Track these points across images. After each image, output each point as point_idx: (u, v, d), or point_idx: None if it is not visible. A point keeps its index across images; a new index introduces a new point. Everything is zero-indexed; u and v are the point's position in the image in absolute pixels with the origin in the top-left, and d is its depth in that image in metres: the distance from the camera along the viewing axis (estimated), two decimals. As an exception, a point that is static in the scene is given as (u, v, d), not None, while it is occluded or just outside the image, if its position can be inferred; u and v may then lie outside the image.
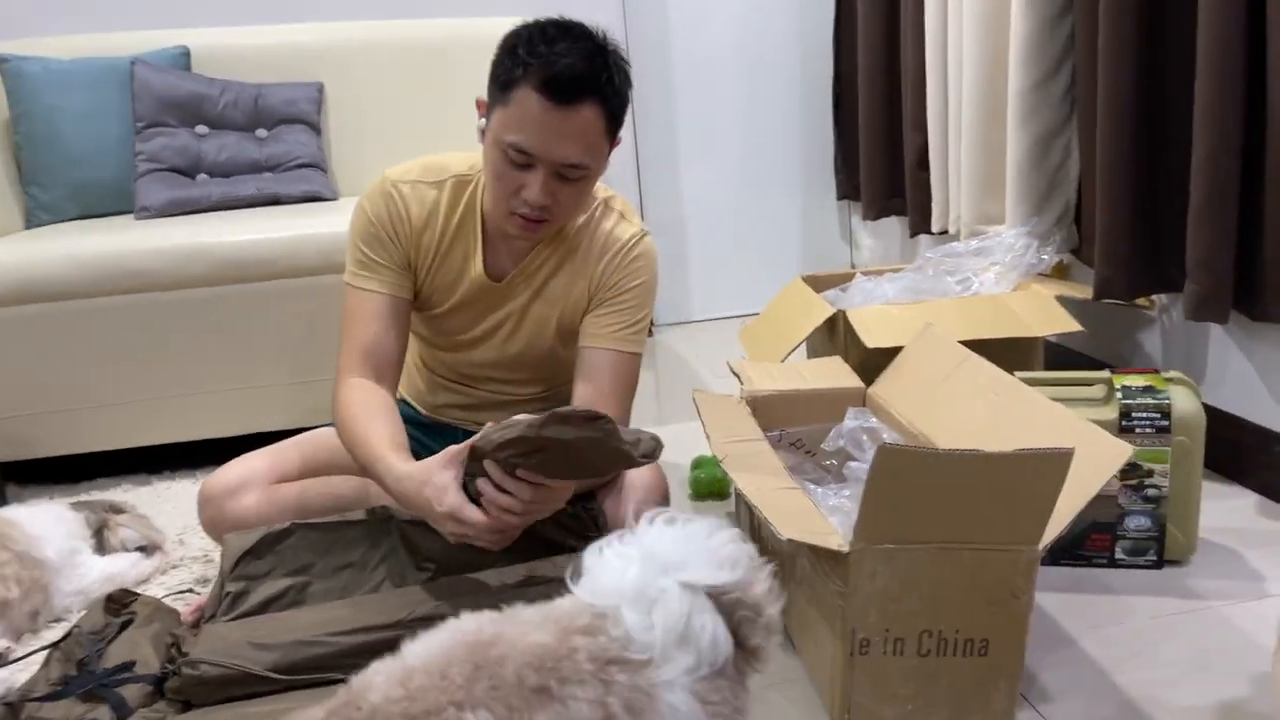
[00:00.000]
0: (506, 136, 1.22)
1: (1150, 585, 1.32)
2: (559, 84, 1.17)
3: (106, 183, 2.23)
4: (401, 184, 1.38)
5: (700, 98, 3.00)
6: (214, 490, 1.40)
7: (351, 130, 2.44)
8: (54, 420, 1.90)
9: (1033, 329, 1.64)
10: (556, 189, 1.25)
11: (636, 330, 1.43)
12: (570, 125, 1.20)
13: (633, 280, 1.42)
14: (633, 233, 1.43)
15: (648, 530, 0.72)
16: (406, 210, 1.37)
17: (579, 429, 1.03)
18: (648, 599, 0.67)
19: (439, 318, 1.46)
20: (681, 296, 3.12)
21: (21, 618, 1.38)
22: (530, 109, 1.19)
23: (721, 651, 0.68)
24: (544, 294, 1.43)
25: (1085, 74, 1.76)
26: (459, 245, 1.40)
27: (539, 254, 1.41)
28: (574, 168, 1.24)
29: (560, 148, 1.21)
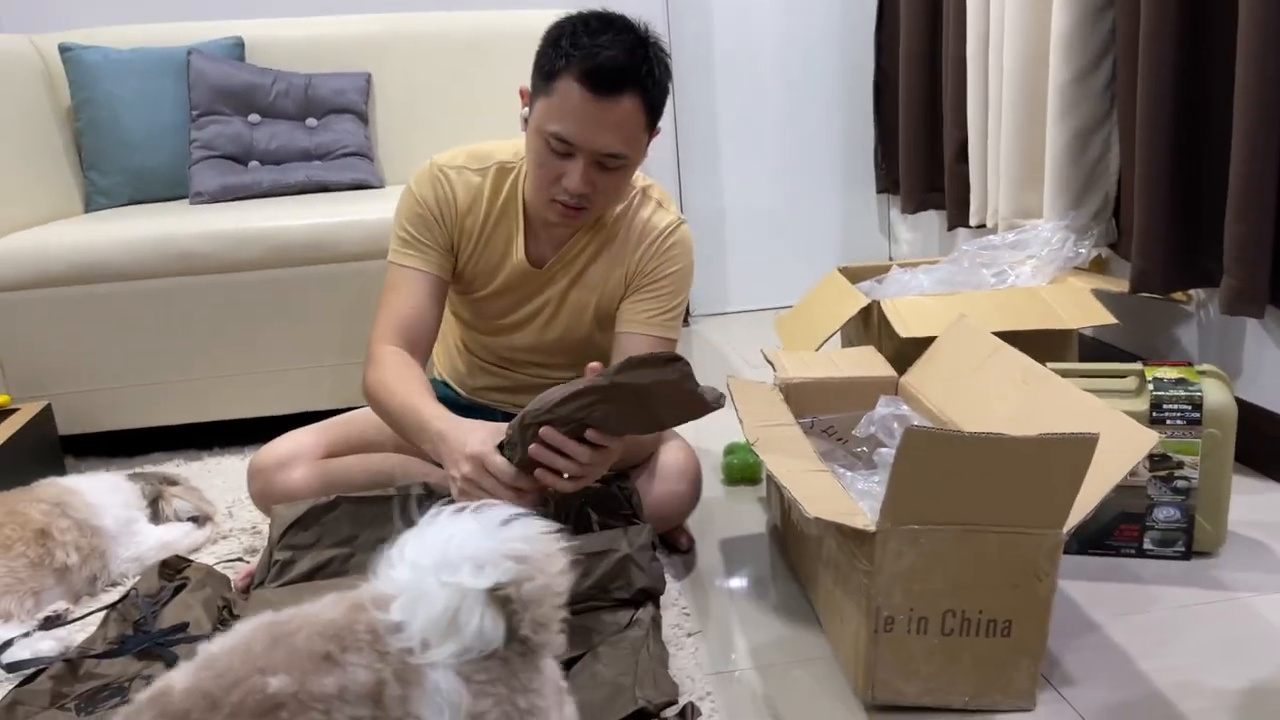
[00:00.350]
0: (548, 126, 1.25)
1: (1177, 576, 1.33)
2: (600, 75, 1.21)
3: (162, 169, 2.31)
4: (449, 169, 1.42)
5: (741, 90, 3.02)
6: (264, 464, 1.46)
7: (398, 119, 2.50)
8: (111, 396, 1.97)
9: (1067, 321, 1.65)
10: (596, 178, 1.29)
11: (672, 316, 1.46)
12: (610, 116, 1.24)
13: (669, 267, 1.45)
14: (669, 221, 1.46)
15: (432, 524, 0.74)
16: (453, 195, 1.42)
17: (657, 370, 1.06)
18: (412, 596, 0.71)
19: (480, 301, 1.50)
20: (718, 287, 3.15)
21: (80, 582, 1.44)
22: (572, 99, 1.22)
23: (490, 640, 0.72)
24: (582, 280, 1.47)
25: (1126, 68, 1.76)
26: (501, 231, 1.44)
27: (578, 241, 1.44)
28: (613, 157, 1.27)
29: (600, 138, 1.25)
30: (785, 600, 1.34)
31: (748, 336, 2.82)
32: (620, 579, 1.22)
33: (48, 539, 1.39)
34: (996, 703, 1.07)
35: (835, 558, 1.16)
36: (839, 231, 3.18)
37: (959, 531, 1.01)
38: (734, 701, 1.12)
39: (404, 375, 1.31)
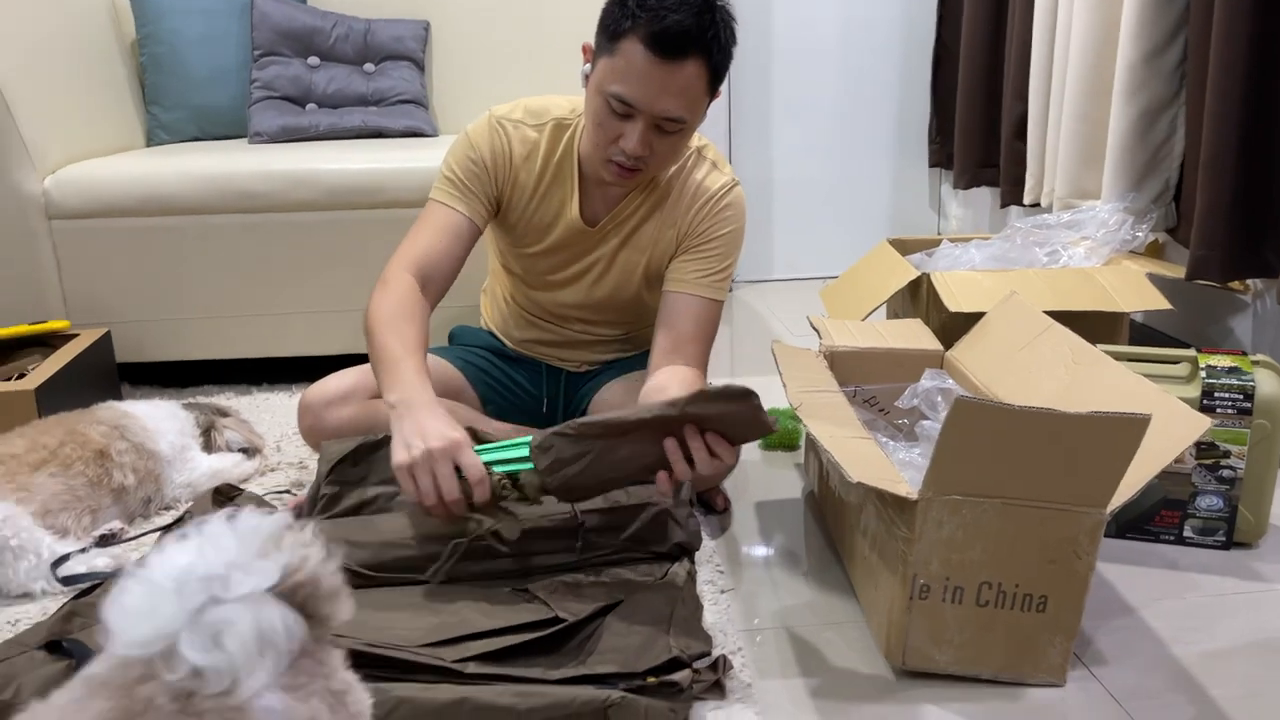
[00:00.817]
0: (610, 86, 1.25)
1: (1216, 565, 1.33)
2: (666, 39, 1.20)
3: (222, 107, 2.34)
4: (506, 122, 1.43)
5: (798, 58, 2.98)
6: (314, 400, 1.49)
7: (454, 69, 2.50)
8: (167, 327, 2.02)
9: (1120, 304, 1.63)
10: (654, 140, 1.29)
11: (721, 278, 1.46)
12: (673, 80, 1.23)
13: (721, 229, 1.45)
14: (723, 182, 1.46)
15: (170, 556, 0.63)
16: (509, 148, 1.42)
17: (728, 404, 1.08)
18: (204, 627, 0.59)
19: (532, 257, 1.52)
20: (763, 254, 3.14)
21: (135, 503, 1.49)
22: (635, 61, 1.22)
23: (296, 636, 0.64)
24: (634, 240, 1.47)
25: (1197, 49, 1.73)
26: (557, 189, 1.45)
27: (632, 200, 1.45)
28: (673, 121, 1.27)
29: (661, 101, 1.25)
30: (818, 565, 1.36)
31: (790, 305, 2.81)
32: (658, 532, 1.24)
33: (106, 460, 1.44)
34: (1026, 676, 1.08)
35: (873, 524, 1.17)
36: (888, 204, 3.15)
37: (1001, 504, 1.01)
38: (764, 658, 1.14)
39: (406, 314, 1.29)
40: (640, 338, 1.65)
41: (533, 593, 1.15)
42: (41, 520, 1.33)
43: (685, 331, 1.44)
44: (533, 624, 1.07)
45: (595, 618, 1.10)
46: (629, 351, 1.66)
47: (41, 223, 1.92)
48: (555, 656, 1.05)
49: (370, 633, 1.04)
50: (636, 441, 1.11)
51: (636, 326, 1.63)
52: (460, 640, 1.04)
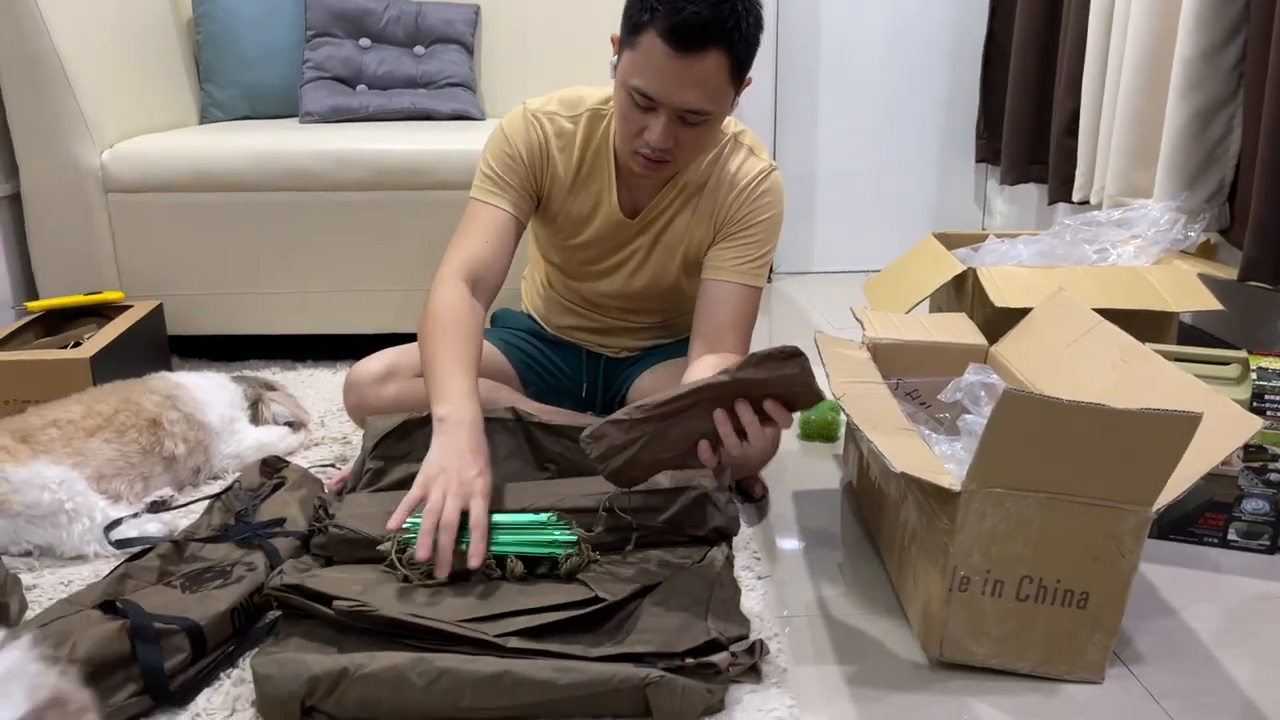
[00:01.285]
0: (631, 80, 1.25)
1: (1260, 569, 1.31)
2: (683, 32, 1.18)
3: (274, 86, 2.37)
4: (541, 115, 1.43)
5: (846, 50, 2.96)
6: (360, 377, 1.52)
7: (503, 54, 2.51)
8: (216, 301, 2.06)
9: (1170, 304, 1.61)
10: (679, 132, 1.28)
11: (759, 265, 1.46)
12: (693, 73, 1.21)
13: (759, 215, 1.45)
14: (761, 168, 1.45)
15: None
16: (545, 141, 1.43)
17: (778, 365, 1.05)
18: None
19: (571, 248, 1.52)
20: (804, 246, 3.12)
21: (185, 472, 1.53)
22: (654, 55, 1.21)
23: None
24: (672, 228, 1.48)
25: (1257, 47, 1.69)
26: (594, 180, 1.45)
27: (670, 190, 1.45)
28: (695, 114, 1.26)
29: (681, 95, 1.23)
30: (856, 555, 1.36)
31: (830, 297, 2.80)
32: (697, 516, 1.25)
33: (158, 428, 1.47)
34: (1064, 673, 1.08)
35: (914, 516, 1.17)
36: (932, 199, 3.13)
37: (1045, 499, 1.01)
38: (799, 645, 1.15)
39: (460, 327, 1.29)
40: (679, 324, 1.66)
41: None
42: (96, 485, 1.37)
43: (724, 320, 1.45)
44: (573, 603, 1.08)
45: (634, 598, 1.11)
46: (667, 338, 1.67)
47: (99, 196, 1.97)
48: (594, 635, 1.06)
49: (416, 606, 1.06)
50: (690, 419, 1.11)
51: (675, 314, 1.64)
52: (501, 616, 1.06)
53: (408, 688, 0.96)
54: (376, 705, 0.97)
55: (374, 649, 1.01)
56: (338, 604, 1.03)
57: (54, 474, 1.31)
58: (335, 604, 1.04)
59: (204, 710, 1.01)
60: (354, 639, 1.04)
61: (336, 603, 1.04)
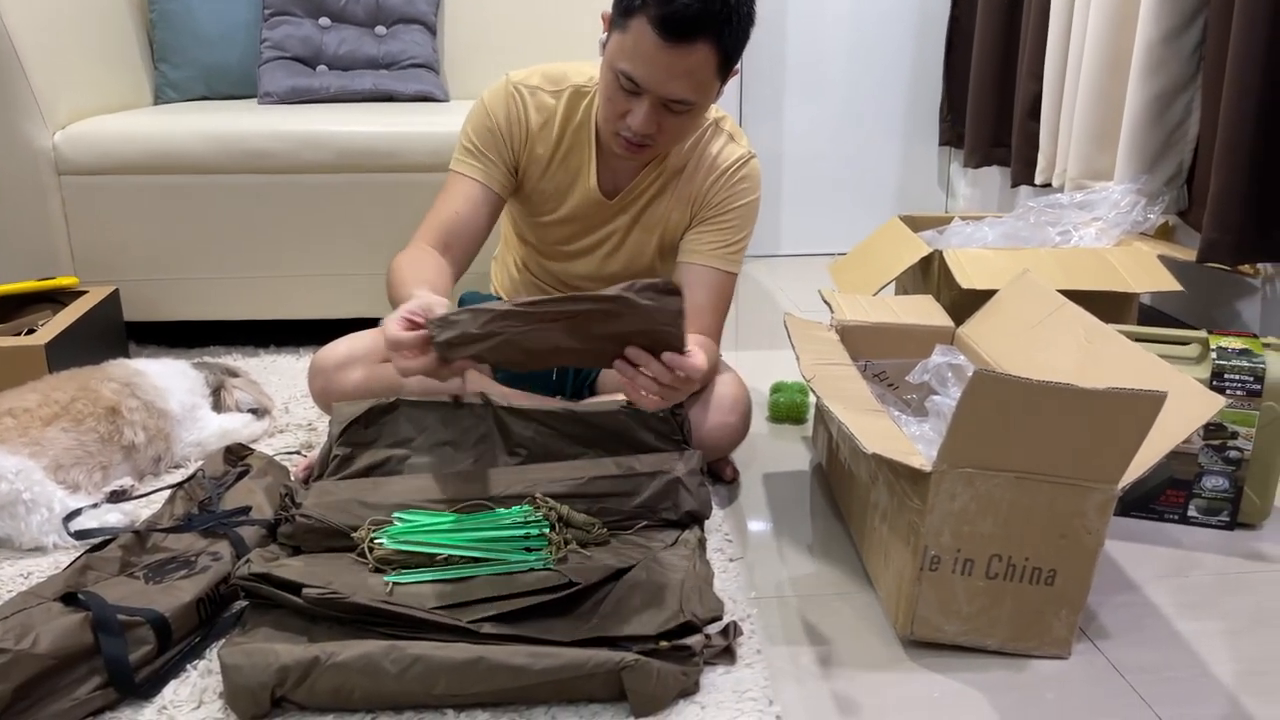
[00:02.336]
0: (619, 63, 1.24)
1: (1219, 544, 1.34)
2: (674, 22, 1.17)
3: (231, 66, 2.32)
4: (523, 88, 1.42)
5: (811, 34, 2.96)
6: (325, 363, 1.49)
7: (466, 34, 2.48)
8: (174, 287, 2.02)
9: (1132, 285, 1.63)
10: (662, 118, 1.28)
11: (735, 250, 1.46)
12: (682, 63, 1.21)
13: (737, 200, 1.45)
14: (740, 154, 1.45)
15: None
16: (525, 115, 1.41)
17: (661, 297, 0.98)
18: None
19: (546, 225, 1.51)
20: (771, 230, 3.13)
21: (145, 461, 1.49)
22: (644, 42, 1.20)
23: None
24: (650, 211, 1.47)
25: (1217, 31, 1.72)
26: (574, 157, 1.44)
27: (650, 173, 1.44)
28: (680, 103, 1.26)
29: (668, 84, 1.23)
30: (826, 536, 1.37)
31: (798, 280, 2.81)
32: (669, 500, 1.25)
33: (117, 416, 1.44)
34: (1032, 649, 1.09)
35: (884, 496, 1.17)
36: (896, 182, 3.14)
37: (1014, 478, 1.02)
38: (772, 625, 1.15)
39: (419, 268, 1.29)
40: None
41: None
42: (53, 475, 1.33)
43: (699, 303, 1.44)
44: (546, 589, 1.08)
45: (607, 582, 1.11)
46: (641, 321, 1.66)
47: (51, 178, 1.91)
48: (568, 619, 1.06)
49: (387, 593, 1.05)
50: (554, 332, 1.03)
51: None
52: (474, 603, 1.05)
53: (381, 675, 0.95)
54: (349, 694, 0.96)
55: (345, 638, 1.00)
56: (307, 592, 1.02)
57: (10, 464, 1.28)
58: (305, 592, 1.02)
59: (171, 702, 1.00)
60: (324, 628, 1.03)
61: (306, 591, 1.02)
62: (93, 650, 0.97)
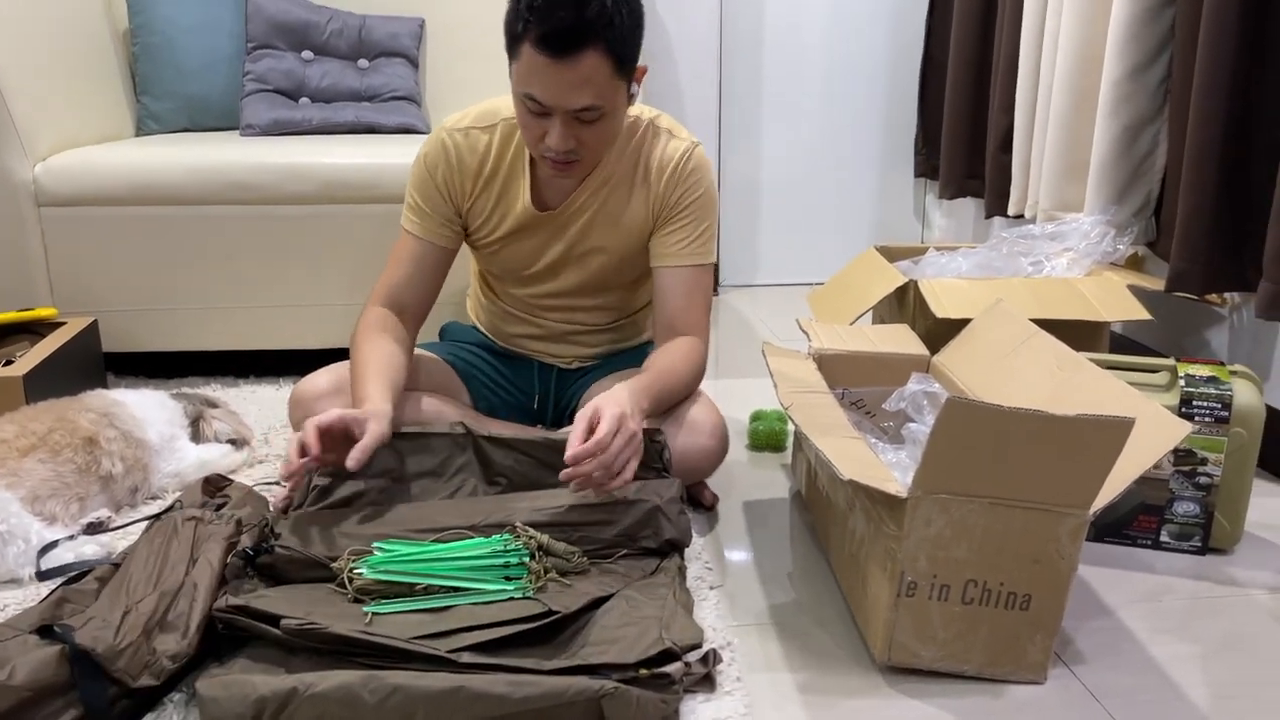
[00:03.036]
0: (520, 89, 1.28)
1: (1192, 569, 1.36)
2: (554, 38, 1.21)
3: (214, 99, 2.33)
4: (455, 131, 1.46)
5: (788, 65, 3.01)
6: (306, 393, 1.50)
7: (448, 67, 2.51)
8: (154, 317, 2.01)
9: (1103, 313, 1.66)
10: (578, 131, 1.31)
11: (702, 242, 1.50)
12: (574, 75, 1.24)
13: (693, 194, 1.48)
14: (684, 147, 1.48)
15: None
16: (459, 159, 1.46)
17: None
18: None
19: (496, 252, 1.54)
20: (749, 259, 3.16)
21: (122, 492, 1.49)
22: (534, 63, 1.24)
23: None
24: (599, 220, 1.49)
25: (1182, 66, 1.76)
26: (511, 183, 1.48)
27: (590, 183, 1.47)
28: (588, 110, 1.28)
29: (568, 97, 1.26)
30: (805, 563, 1.38)
31: (775, 309, 2.84)
32: (649, 528, 1.26)
33: (95, 447, 1.44)
34: (1008, 674, 1.10)
35: (862, 523, 1.19)
36: (873, 213, 3.19)
37: (988, 504, 1.03)
38: (752, 653, 1.16)
39: (377, 360, 1.39)
40: (629, 327, 1.67)
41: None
42: (30, 506, 1.33)
43: (679, 305, 1.49)
44: (526, 618, 1.08)
45: (587, 610, 1.12)
46: (619, 345, 1.68)
47: (31, 210, 1.91)
48: (548, 648, 1.06)
49: (365, 623, 1.05)
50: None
51: (621, 314, 1.65)
52: (453, 633, 1.05)
53: (359, 705, 0.95)
54: (327, 725, 0.96)
55: (323, 668, 0.99)
56: (286, 623, 1.02)
57: (-14, 496, 1.27)
58: (283, 623, 1.02)
59: (147, 735, 0.99)
60: (302, 659, 1.02)
61: (284, 622, 1.02)
62: (69, 683, 0.96)
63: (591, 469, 1.18)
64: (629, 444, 1.20)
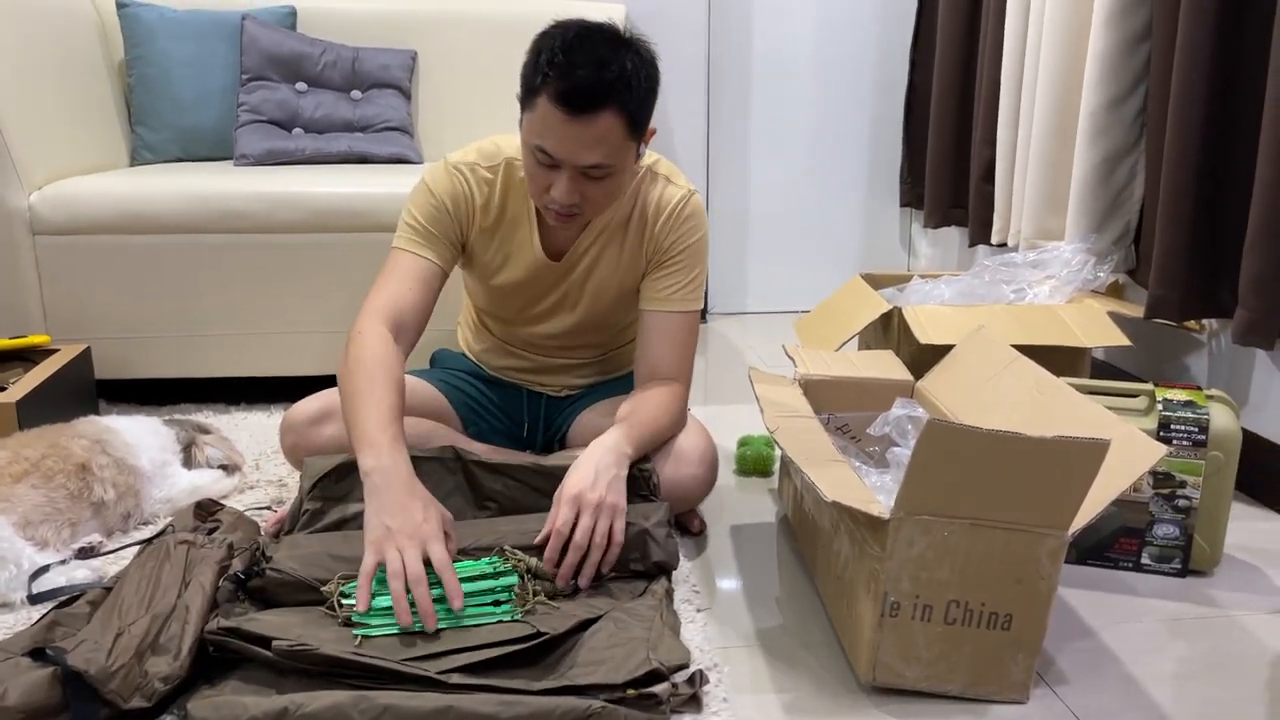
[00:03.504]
0: (532, 140, 1.29)
1: (1172, 591, 1.38)
2: (574, 96, 1.22)
3: (208, 129, 2.37)
4: (463, 166, 1.46)
5: (775, 97, 3.07)
6: (297, 418, 1.51)
7: (439, 98, 2.55)
8: (146, 345, 2.03)
9: (1083, 340, 1.69)
10: (583, 187, 1.32)
11: (694, 288, 1.51)
12: (589, 133, 1.25)
13: (687, 240, 1.49)
14: (681, 195, 1.49)
15: None
16: (469, 192, 1.45)
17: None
18: None
19: (503, 297, 1.55)
20: (738, 287, 3.20)
21: (114, 518, 1.50)
22: (550, 119, 1.25)
23: None
24: (600, 265, 1.51)
25: (1158, 98, 1.81)
26: (518, 227, 1.48)
27: (592, 231, 1.48)
28: (597, 167, 1.30)
29: (580, 154, 1.27)
30: (792, 586, 1.39)
31: (764, 337, 2.87)
32: (636, 551, 1.27)
33: (87, 473, 1.45)
34: (991, 694, 1.12)
35: (846, 544, 1.20)
36: (860, 241, 3.23)
37: (969, 525, 1.05)
38: (738, 674, 1.17)
39: (383, 374, 1.29)
40: (619, 358, 1.69)
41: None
42: (22, 531, 1.33)
43: (662, 350, 1.49)
44: (514, 639, 1.09)
45: (575, 632, 1.13)
46: (609, 374, 1.70)
47: (26, 238, 1.93)
48: (536, 669, 1.07)
49: (356, 645, 1.06)
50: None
51: (612, 345, 1.67)
52: (443, 654, 1.06)
53: (349, 726, 0.96)
54: (318, 745, 0.97)
55: (313, 689, 1.00)
56: (277, 644, 1.03)
57: (-22, 521, 1.28)
58: (275, 645, 1.03)
59: (138, 757, 0.99)
60: (293, 680, 1.03)
61: (276, 643, 1.03)
62: (61, 705, 0.97)
63: (572, 558, 1.21)
64: (596, 512, 1.22)
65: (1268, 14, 1.58)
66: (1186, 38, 1.66)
